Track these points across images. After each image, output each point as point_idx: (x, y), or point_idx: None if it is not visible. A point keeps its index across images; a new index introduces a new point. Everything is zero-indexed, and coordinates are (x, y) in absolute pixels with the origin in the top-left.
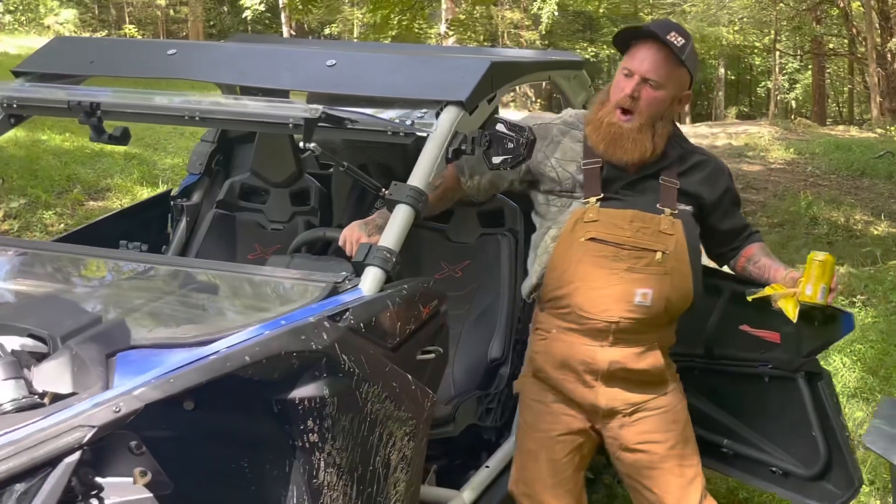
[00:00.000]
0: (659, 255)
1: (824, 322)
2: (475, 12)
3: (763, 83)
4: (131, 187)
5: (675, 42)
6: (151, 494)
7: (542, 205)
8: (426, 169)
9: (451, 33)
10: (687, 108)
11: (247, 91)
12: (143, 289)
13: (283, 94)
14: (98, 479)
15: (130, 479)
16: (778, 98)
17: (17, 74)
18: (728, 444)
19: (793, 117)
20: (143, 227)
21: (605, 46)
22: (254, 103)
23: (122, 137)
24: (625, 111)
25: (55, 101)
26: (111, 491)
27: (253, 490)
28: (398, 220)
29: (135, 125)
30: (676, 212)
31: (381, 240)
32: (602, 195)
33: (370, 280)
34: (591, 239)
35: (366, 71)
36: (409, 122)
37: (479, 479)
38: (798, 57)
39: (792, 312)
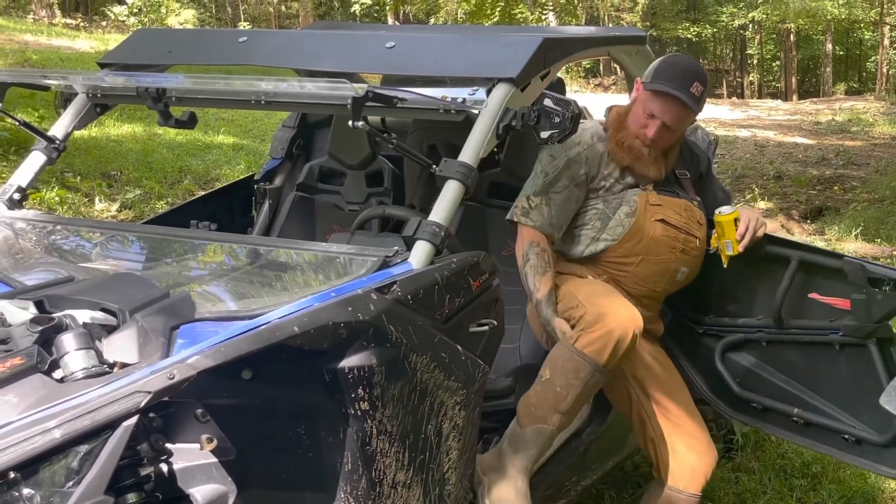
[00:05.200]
0: (697, 241)
1: (895, 287)
2: None
3: (873, 58)
4: (238, 177)
5: (695, 93)
6: (216, 460)
7: (591, 204)
8: (476, 145)
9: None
10: (794, 84)
11: (312, 75)
12: (210, 265)
13: (350, 77)
14: (168, 445)
15: (197, 446)
16: (889, 73)
17: (102, 66)
18: (798, 412)
19: None
20: (228, 210)
21: (707, 26)
22: (311, 85)
23: (189, 121)
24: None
25: (127, 89)
26: (179, 456)
27: (310, 457)
28: (448, 196)
29: (243, 119)
30: (698, 201)
31: (431, 215)
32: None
33: (419, 254)
34: (660, 220)
35: (423, 51)
36: (460, 100)
37: None
38: None
39: (724, 262)
